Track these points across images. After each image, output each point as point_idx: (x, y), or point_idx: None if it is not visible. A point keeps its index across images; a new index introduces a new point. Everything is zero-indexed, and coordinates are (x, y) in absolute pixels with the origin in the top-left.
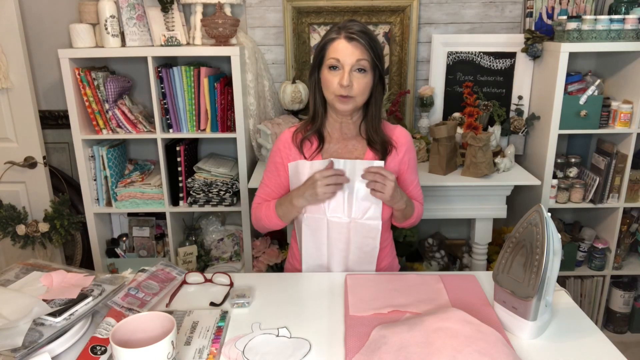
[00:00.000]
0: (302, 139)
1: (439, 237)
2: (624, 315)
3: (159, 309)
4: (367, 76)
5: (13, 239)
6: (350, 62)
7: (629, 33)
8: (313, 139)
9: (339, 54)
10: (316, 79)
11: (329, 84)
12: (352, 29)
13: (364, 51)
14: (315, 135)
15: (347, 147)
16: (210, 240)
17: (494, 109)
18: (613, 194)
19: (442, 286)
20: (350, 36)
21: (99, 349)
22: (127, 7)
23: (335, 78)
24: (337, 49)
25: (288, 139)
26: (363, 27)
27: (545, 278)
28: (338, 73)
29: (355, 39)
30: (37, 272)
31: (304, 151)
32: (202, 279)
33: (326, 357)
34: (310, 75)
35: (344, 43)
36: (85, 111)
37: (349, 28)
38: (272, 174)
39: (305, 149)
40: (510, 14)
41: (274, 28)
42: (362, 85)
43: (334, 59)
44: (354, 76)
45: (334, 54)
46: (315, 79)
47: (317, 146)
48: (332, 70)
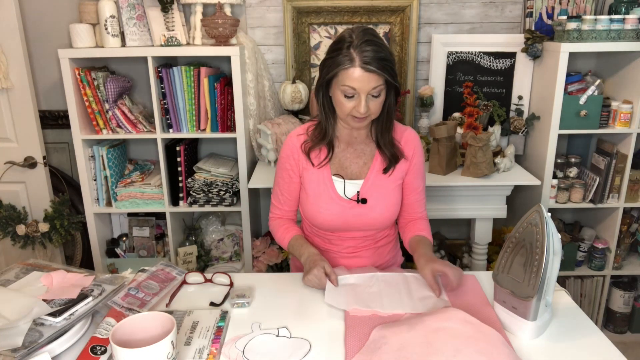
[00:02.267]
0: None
1: (439, 237)
2: (624, 315)
3: (159, 309)
4: (382, 96)
5: (13, 239)
6: (366, 91)
7: (629, 33)
8: (322, 147)
9: (355, 83)
10: (324, 94)
11: (344, 107)
12: (367, 57)
13: (379, 78)
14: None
15: (356, 152)
16: (210, 240)
17: (494, 109)
18: (613, 194)
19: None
20: (367, 67)
21: (99, 349)
22: (127, 7)
23: (350, 103)
24: (353, 79)
25: (296, 145)
26: (378, 50)
27: (545, 278)
28: (353, 100)
29: (371, 70)
30: (37, 272)
31: (312, 159)
32: (202, 279)
33: (326, 357)
34: (317, 90)
35: (359, 72)
36: (85, 111)
37: (364, 54)
38: (284, 181)
39: (313, 156)
40: (510, 14)
41: (274, 28)
42: (378, 105)
43: (349, 87)
44: (369, 99)
45: (349, 83)
46: (324, 94)
47: (327, 155)
48: (347, 98)
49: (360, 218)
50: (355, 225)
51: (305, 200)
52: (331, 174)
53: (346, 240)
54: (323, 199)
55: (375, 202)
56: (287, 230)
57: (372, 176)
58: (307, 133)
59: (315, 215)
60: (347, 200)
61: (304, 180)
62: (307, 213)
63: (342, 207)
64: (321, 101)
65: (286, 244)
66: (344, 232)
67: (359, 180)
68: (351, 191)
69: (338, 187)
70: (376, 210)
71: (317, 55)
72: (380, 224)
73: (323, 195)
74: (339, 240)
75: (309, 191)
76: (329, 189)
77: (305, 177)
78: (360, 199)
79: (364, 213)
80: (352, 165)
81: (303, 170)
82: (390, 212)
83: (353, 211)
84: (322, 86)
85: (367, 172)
